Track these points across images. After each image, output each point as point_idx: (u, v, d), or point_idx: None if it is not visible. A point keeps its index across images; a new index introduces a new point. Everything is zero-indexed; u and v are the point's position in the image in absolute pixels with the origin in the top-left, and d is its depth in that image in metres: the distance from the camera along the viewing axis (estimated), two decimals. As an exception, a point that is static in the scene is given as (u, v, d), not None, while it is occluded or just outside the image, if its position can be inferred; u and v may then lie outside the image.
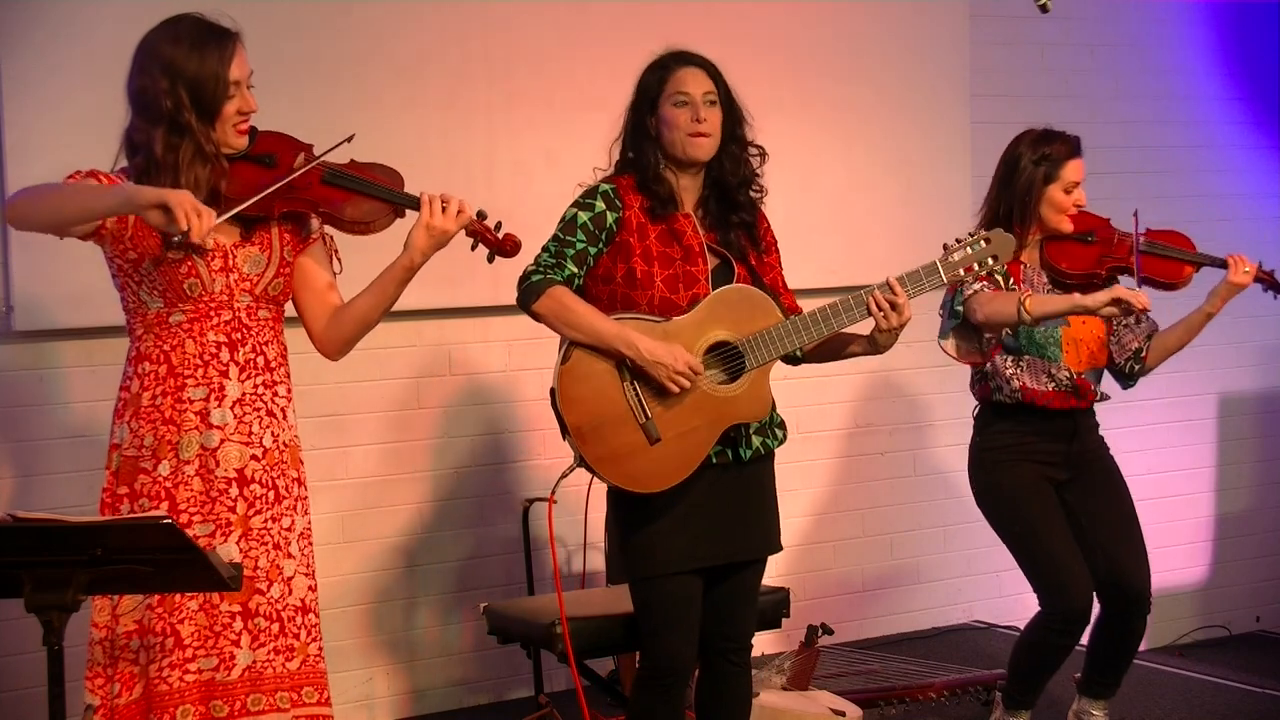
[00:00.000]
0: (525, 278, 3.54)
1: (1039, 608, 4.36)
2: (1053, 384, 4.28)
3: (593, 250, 3.56)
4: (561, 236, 3.56)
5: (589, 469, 3.50)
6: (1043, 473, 4.33)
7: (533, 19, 5.14)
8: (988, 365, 4.32)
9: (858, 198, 5.71)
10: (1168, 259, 4.35)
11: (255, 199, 3.08)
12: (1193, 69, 6.38)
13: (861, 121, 5.72)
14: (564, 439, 3.51)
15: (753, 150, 3.68)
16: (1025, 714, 4.49)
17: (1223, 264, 4.33)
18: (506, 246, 3.27)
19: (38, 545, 2.50)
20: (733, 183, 3.63)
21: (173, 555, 2.56)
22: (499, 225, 3.28)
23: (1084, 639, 4.53)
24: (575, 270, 3.54)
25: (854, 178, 5.70)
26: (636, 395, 3.48)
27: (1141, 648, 6.07)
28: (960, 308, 4.16)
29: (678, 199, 3.61)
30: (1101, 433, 4.44)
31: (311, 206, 3.16)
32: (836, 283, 5.24)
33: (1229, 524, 6.53)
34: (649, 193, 3.58)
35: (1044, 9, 4.16)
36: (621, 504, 3.62)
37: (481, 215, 3.26)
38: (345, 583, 5.02)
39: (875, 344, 3.62)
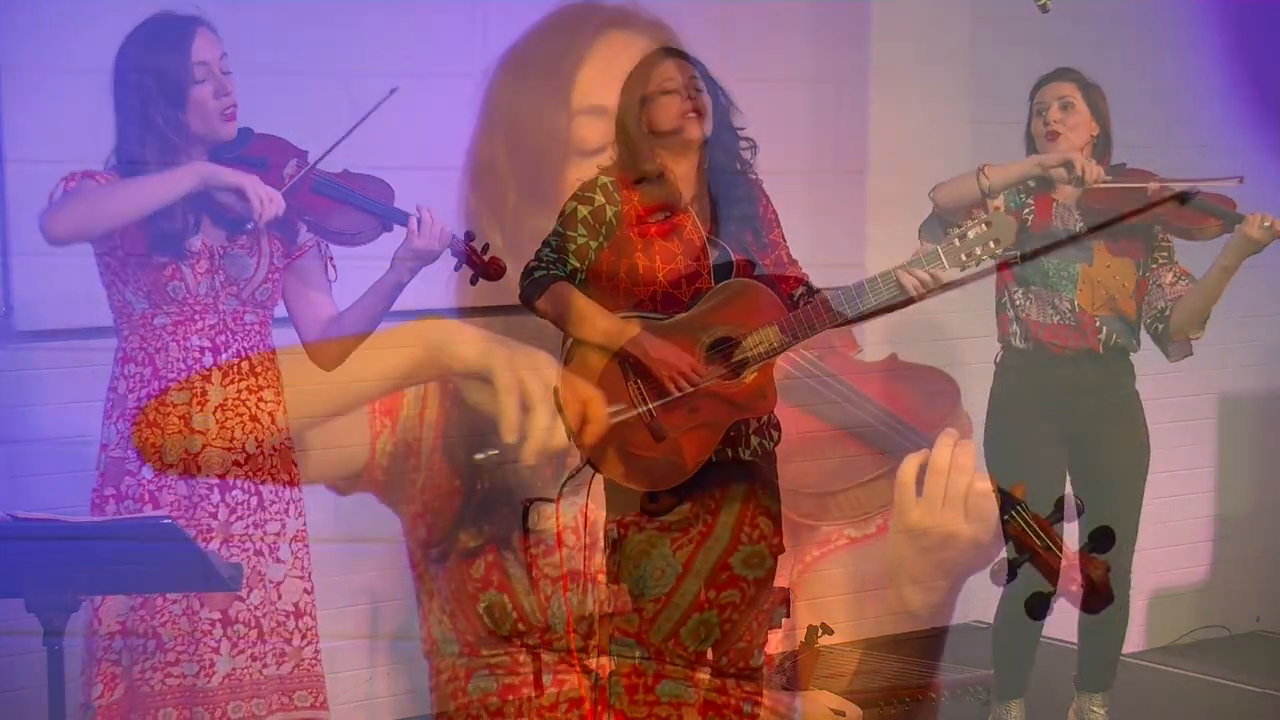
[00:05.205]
0: (528, 273, 3.53)
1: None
2: (1056, 315, 4.21)
3: (593, 245, 3.55)
4: (562, 231, 3.55)
5: (595, 468, 3.49)
6: (1043, 430, 4.28)
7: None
8: (1004, 297, 4.28)
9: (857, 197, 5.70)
10: (1194, 209, 4.28)
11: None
12: (1193, 69, 6.38)
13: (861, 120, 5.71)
14: (569, 438, 3.50)
15: (743, 142, 3.69)
16: (1017, 703, 4.47)
17: (1239, 219, 4.23)
18: (491, 270, 3.20)
19: (38, 545, 2.50)
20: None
21: (173, 555, 2.56)
22: (486, 247, 3.23)
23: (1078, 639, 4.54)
24: (578, 265, 3.53)
25: (854, 177, 5.70)
26: (640, 392, 3.48)
27: (1141, 647, 6.09)
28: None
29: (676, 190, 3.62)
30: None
31: (298, 214, 3.14)
32: (836, 283, 5.23)
33: (1229, 524, 6.52)
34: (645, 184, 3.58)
35: (1044, 9, 4.15)
36: (622, 504, 3.61)
37: (470, 236, 3.22)
38: (345, 582, 5.01)
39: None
